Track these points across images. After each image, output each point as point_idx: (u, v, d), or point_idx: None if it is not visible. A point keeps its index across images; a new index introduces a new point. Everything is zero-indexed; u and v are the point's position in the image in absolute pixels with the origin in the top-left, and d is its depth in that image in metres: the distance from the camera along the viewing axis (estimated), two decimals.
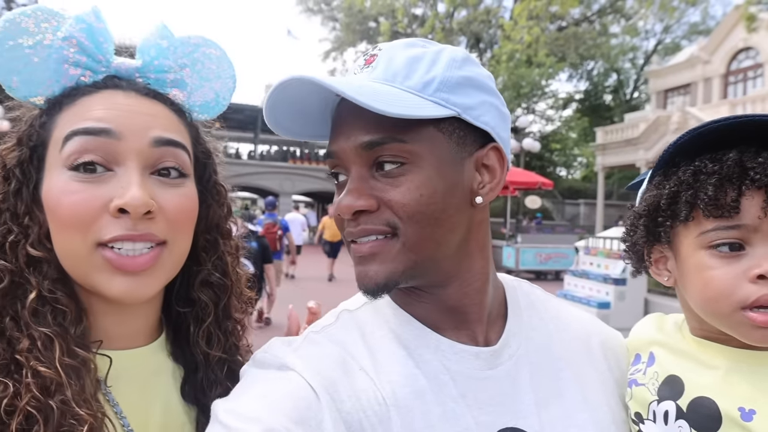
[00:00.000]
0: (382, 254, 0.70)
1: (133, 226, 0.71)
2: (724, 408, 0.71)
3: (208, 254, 0.88)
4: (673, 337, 0.84)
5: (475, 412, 0.70)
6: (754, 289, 0.69)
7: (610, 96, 38.72)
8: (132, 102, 0.76)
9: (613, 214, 25.97)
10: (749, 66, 22.18)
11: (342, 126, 0.73)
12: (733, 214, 0.70)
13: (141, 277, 0.73)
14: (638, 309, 7.95)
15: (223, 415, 0.64)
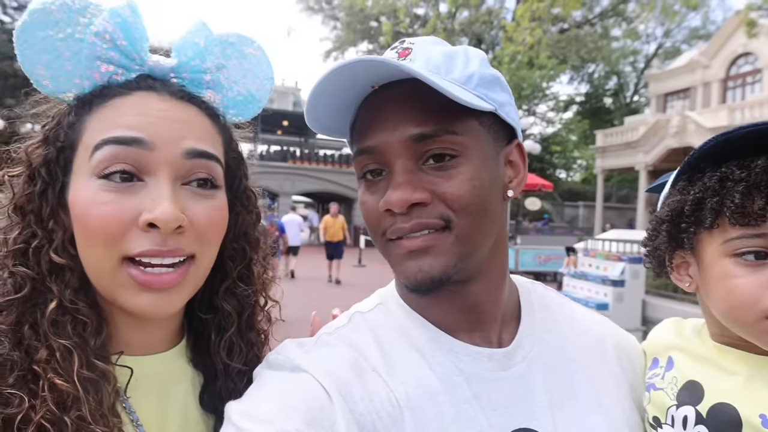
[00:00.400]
0: (436, 248, 0.69)
1: (162, 241, 0.68)
2: (745, 414, 0.71)
3: (234, 263, 0.85)
4: (693, 342, 0.83)
5: (489, 413, 0.70)
6: None
7: (610, 99, 38.72)
8: (166, 107, 0.72)
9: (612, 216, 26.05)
10: (748, 71, 22.24)
11: (385, 119, 0.70)
12: (760, 223, 0.69)
13: (166, 293, 0.71)
14: (636, 310, 8.03)
15: (236, 417, 0.64)
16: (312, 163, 29.46)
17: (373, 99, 0.72)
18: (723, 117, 18.05)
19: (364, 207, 0.74)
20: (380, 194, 0.72)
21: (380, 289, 0.85)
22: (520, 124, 0.81)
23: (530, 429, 0.71)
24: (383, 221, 0.72)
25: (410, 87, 0.68)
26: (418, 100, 0.69)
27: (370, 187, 0.74)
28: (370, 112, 0.73)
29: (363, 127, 0.73)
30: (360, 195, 0.76)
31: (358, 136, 0.74)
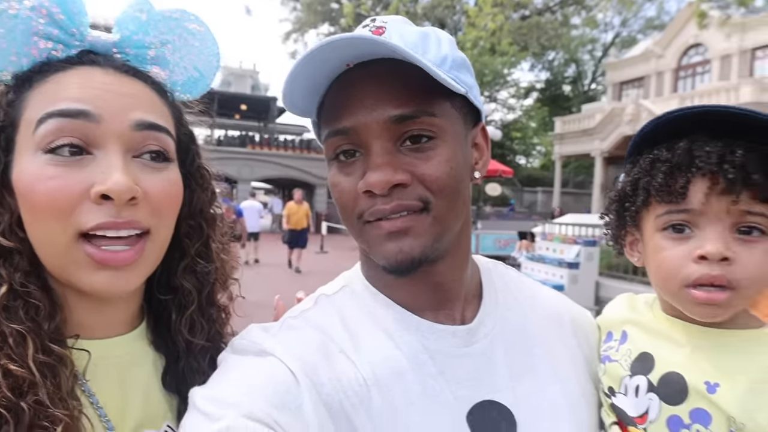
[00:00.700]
0: (415, 228, 0.69)
1: (117, 213, 0.66)
2: (692, 382, 0.75)
3: (191, 241, 0.84)
4: (645, 316, 0.88)
5: (453, 387, 0.72)
6: (696, 268, 0.74)
7: (569, 86, 39.37)
8: (111, 80, 0.71)
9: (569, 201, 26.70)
10: (698, 62, 23.02)
11: (361, 99, 0.69)
12: (681, 200, 0.75)
13: (123, 271, 0.69)
14: (590, 291, 8.31)
15: (201, 402, 0.63)
16: (272, 148, 28.61)
17: (347, 78, 0.70)
18: (674, 105, 18.37)
19: (338, 189, 0.73)
20: (356, 176, 0.71)
21: (345, 272, 0.86)
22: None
23: (493, 401, 0.73)
24: (360, 203, 0.71)
25: (387, 66, 0.68)
26: (397, 80, 0.68)
27: (343, 169, 0.73)
28: (344, 92, 0.71)
29: (337, 107, 0.71)
30: (332, 177, 0.74)
31: (330, 116, 0.72)
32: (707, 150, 0.73)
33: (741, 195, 0.71)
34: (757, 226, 0.72)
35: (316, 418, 0.63)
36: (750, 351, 0.75)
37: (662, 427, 0.77)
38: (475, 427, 0.71)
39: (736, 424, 0.71)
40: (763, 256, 0.73)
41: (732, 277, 0.72)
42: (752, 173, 0.71)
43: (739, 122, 0.72)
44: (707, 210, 0.73)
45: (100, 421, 0.71)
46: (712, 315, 0.76)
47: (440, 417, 0.70)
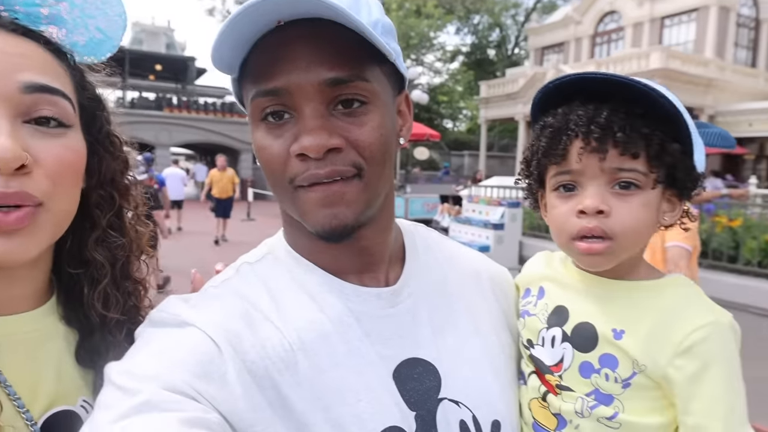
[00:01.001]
0: (349, 195, 0.69)
1: (4, 183, 0.60)
2: (601, 330, 0.81)
3: (102, 212, 0.80)
4: (560, 272, 0.93)
5: (378, 347, 0.73)
6: (577, 221, 0.80)
7: (493, 51, 39.96)
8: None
9: (494, 164, 27.49)
10: (613, 29, 24.05)
11: (294, 59, 0.66)
12: (563, 161, 0.80)
13: (16, 237, 0.63)
14: (514, 250, 8.70)
15: (117, 376, 0.60)
16: (191, 111, 27.00)
17: (278, 36, 0.67)
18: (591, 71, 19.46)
19: (266, 152, 0.70)
20: (287, 138, 0.68)
21: (267, 239, 0.85)
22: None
23: (417, 358, 0.75)
24: (292, 167, 0.69)
25: (320, 28, 0.65)
26: (331, 42, 0.66)
27: (272, 131, 0.69)
28: (275, 51, 0.67)
29: (267, 66, 0.68)
30: (259, 139, 0.71)
31: (259, 74, 0.68)
32: (579, 113, 0.79)
33: (608, 153, 0.77)
34: (632, 181, 0.78)
35: (240, 387, 0.63)
36: (650, 300, 0.81)
37: (575, 373, 0.82)
38: (400, 383, 0.72)
39: (639, 366, 0.77)
40: (636, 207, 0.79)
41: (607, 227, 0.78)
42: (617, 132, 0.76)
43: (611, 86, 0.77)
44: (585, 169, 0.79)
45: (9, 400, 0.68)
46: (597, 264, 0.83)
47: (367, 376, 0.71)
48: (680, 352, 0.75)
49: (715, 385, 0.74)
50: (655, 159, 0.77)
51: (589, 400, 0.81)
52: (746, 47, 21.79)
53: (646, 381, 0.78)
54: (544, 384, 0.86)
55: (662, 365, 0.76)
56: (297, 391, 0.66)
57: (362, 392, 0.69)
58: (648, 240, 0.84)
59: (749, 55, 21.90)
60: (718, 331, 0.76)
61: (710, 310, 0.78)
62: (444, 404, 0.75)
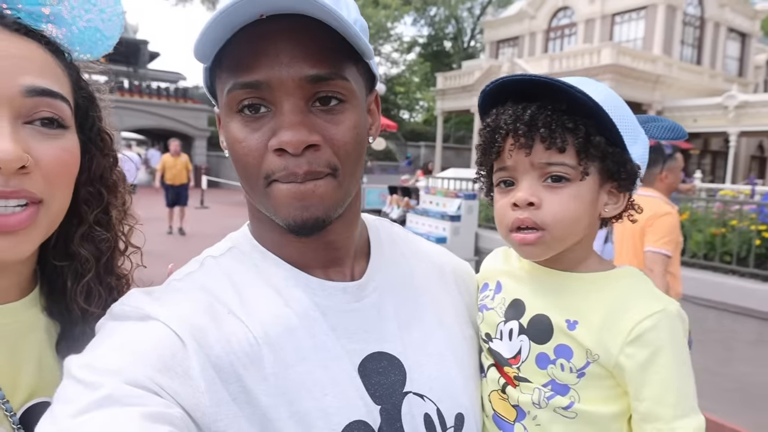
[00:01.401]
0: (321, 192, 0.69)
1: (5, 182, 0.62)
2: (555, 321, 0.83)
3: (90, 207, 0.81)
4: (516, 267, 0.95)
5: (344, 341, 0.73)
6: (512, 214, 0.84)
7: (450, 43, 40.20)
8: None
9: (450, 156, 27.77)
10: (566, 24, 24.58)
11: (276, 54, 0.66)
12: (498, 158, 0.85)
13: (15, 236, 0.65)
14: (470, 242, 8.83)
15: (77, 370, 0.58)
16: (143, 96, 26.27)
17: (259, 29, 0.66)
18: (545, 65, 19.90)
19: (241, 145, 0.69)
20: (264, 132, 0.68)
21: (232, 233, 0.83)
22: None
23: (382, 352, 0.76)
24: (268, 162, 0.68)
25: (302, 23, 0.65)
26: (312, 38, 0.66)
27: (249, 124, 0.69)
28: (255, 43, 0.67)
29: (247, 59, 0.67)
30: (233, 131, 0.70)
31: (238, 67, 0.68)
32: (509, 113, 0.82)
33: (534, 148, 0.80)
34: (561, 174, 0.81)
35: (204, 381, 0.62)
36: (601, 290, 0.84)
37: (532, 364, 0.84)
38: (365, 377, 0.73)
39: (592, 356, 0.80)
40: (566, 199, 0.81)
41: (537, 218, 0.82)
42: (540, 128, 0.79)
43: (540, 87, 0.81)
44: (517, 165, 0.83)
45: None
46: (533, 254, 0.86)
47: (332, 370, 0.71)
48: (630, 340, 0.78)
49: (665, 372, 0.76)
50: (581, 152, 0.80)
51: (546, 391, 0.82)
52: (692, 45, 22.68)
53: (599, 370, 0.80)
54: (503, 376, 0.87)
55: (614, 354, 0.78)
56: (262, 385, 0.66)
57: (328, 386, 0.69)
58: (586, 231, 0.86)
59: (694, 53, 22.81)
60: (666, 319, 0.78)
61: (658, 299, 0.81)
62: (409, 398, 0.75)
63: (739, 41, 24.85)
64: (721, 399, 4.23)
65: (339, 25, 0.64)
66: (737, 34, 24.48)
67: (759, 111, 18.35)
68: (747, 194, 10.14)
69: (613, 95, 0.84)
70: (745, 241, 6.42)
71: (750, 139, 23.07)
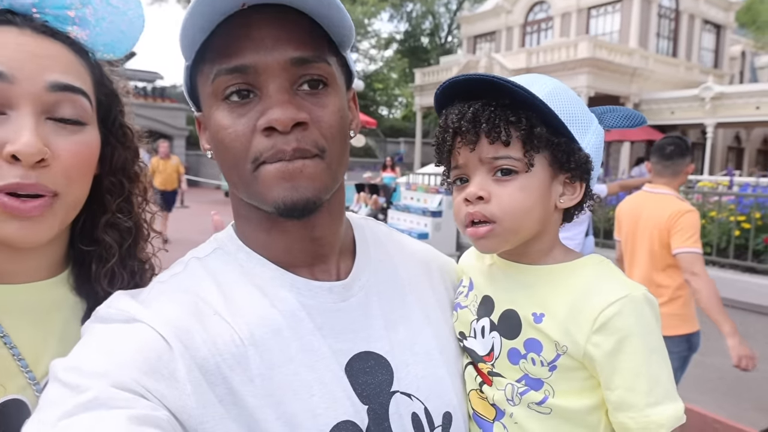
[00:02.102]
0: (310, 170, 0.69)
1: (24, 174, 0.68)
2: (523, 315, 0.83)
3: (112, 196, 0.86)
4: (486, 263, 0.95)
5: (331, 341, 0.73)
6: (465, 209, 0.84)
7: (427, 39, 40.34)
8: (27, 41, 0.71)
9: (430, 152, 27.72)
10: (542, 18, 24.73)
11: (261, 38, 0.67)
12: (449, 156, 0.87)
13: (33, 222, 0.71)
14: (452, 237, 8.80)
15: (63, 373, 0.58)
16: None
17: (241, 17, 0.67)
18: (522, 59, 19.97)
19: (228, 131, 0.69)
20: (251, 117, 0.68)
21: (216, 234, 0.83)
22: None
23: (370, 351, 0.75)
24: (256, 144, 0.68)
25: (282, 13, 0.67)
26: (296, 24, 0.69)
27: (235, 110, 0.69)
28: (239, 30, 0.68)
29: (231, 46, 0.68)
30: (219, 119, 0.70)
31: (222, 54, 0.68)
32: (454, 112, 0.83)
33: (478, 144, 0.81)
34: (508, 167, 0.81)
35: (190, 384, 0.61)
36: (566, 281, 0.83)
37: (505, 360, 0.84)
38: (352, 377, 0.73)
39: (560, 348, 0.79)
40: (514, 191, 0.82)
41: (487, 211, 0.82)
42: (482, 124, 0.80)
43: (484, 85, 0.81)
44: (467, 162, 0.84)
45: (13, 360, 0.74)
46: (488, 247, 0.86)
47: (319, 371, 0.70)
48: (596, 329, 0.77)
49: (634, 358, 0.75)
50: (526, 143, 0.80)
51: (519, 386, 0.82)
52: (667, 37, 22.97)
53: (570, 362, 0.79)
54: (479, 374, 0.87)
55: (581, 344, 0.78)
56: (248, 387, 0.65)
57: (315, 387, 0.69)
58: (541, 222, 0.86)
59: (670, 45, 23.10)
60: (631, 304, 0.77)
61: (622, 284, 0.80)
62: (396, 397, 0.75)
63: (714, 33, 25.22)
64: (704, 389, 4.24)
65: (328, 10, 0.67)
66: (712, 25, 24.85)
67: (735, 102, 18.64)
68: (725, 185, 10.24)
69: (560, 88, 0.85)
70: (724, 232, 6.44)
71: (727, 130, 23.43)
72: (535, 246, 0.87)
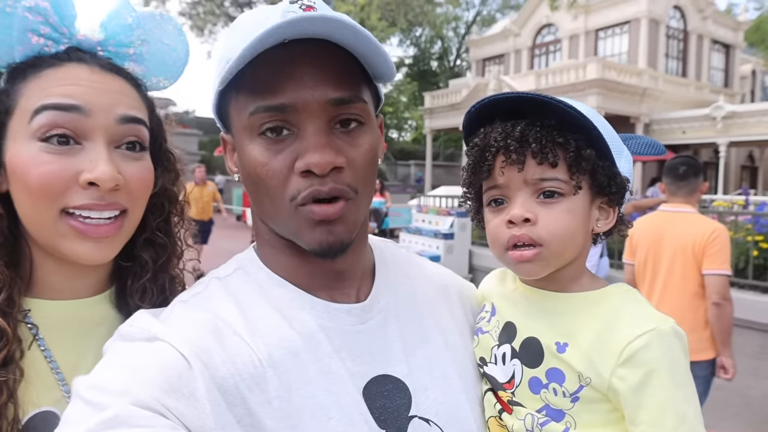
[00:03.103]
0: (346, 215, 0.71)
1: (100, 197, 0.76)
2: (545, 344, 0.81)
3: (153, 216, 0.92)
4: (509, 289, 0.94)
5: (349, 364, 0.72)
6: (507, 232, 0.82)
7: (436, 62, 40.78)
8: (96, 78, 0.78)
9: (440, 174, 27.82)
10: (551, 41, 24.90)
11: (301, 76, 0.68)
12: (490, 177, 0.84)
13: (104, 242, 0.78)
14: (464, 259, 8.72)
15: (85, 391, 0.59)
16: None
17: (281, 52, 0.67)
18: (531, 81, 20.06)
19: (264, 168, 0.70)
20: (287, 155, 0.69)
21: (238, 255, 0.84)
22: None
23: (388, 375, 0.75)
24: (293, 184, 0.69)
25: (321, 47, 0.67)
26: (333, 62, 0.69)
27: (271, 146, 0.70)
28: (279, 67, 0.68)
29: (271, 82, 0.68)
30: (255, 155, 0.70)
31: (263, 90, 0.68)
32: (498, 131, 0.81)
33: (525, 164, 0.79)
34: (554, 189, 0.80)
35: (210, 403, 0.61)
36: (592, 311, 0.81)
37: (525, 389, 0.82)
38: (370, 401, 0.72)
39: (584, 379, 0.77)
40: (561, 213, 0.80)
41: (534, 234, 0.80)
42: (531, 143, 0.78)
43: (527, 104, 0.80)
44: (509, 182, 0.81)
45: (52, 373, 0.79)
46: (531, 272, 0.84)
47: (337, 394, 0.70)
48: (622, 362, 0.74)
49: (660, 393, 0.73)
50: (573, 166, 0.80)
51: (540, 417, 0.80)
52: (676, 57, 22.97)
53: (593, 394, 0.77)
54: (498, 402, 0.85)
55: (606, 377, 0.75)
56: (266, 408, 0.65)
57: (332, 410, 0.68)
58: (582, 246, 0.85)
59: (679, 65, 23.10)
60: (659, 337, 0.75)
61: (650, 316, 0.78)
62: (414, 422, 0.74)
63: (724, 52, 25.19)
64: (727, 415, 4.12)
65: (368, 47, 0.68)
66: (721, 45, 24.85)
67: (747, 121, 18.51)
68: (741, 204, 10.10)
69: (595, 112, 0.84)
70: (742, 252, 6.31)
71: (739, 149, 23.27)
72: (566, 272, 0.85)
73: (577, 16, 22.81)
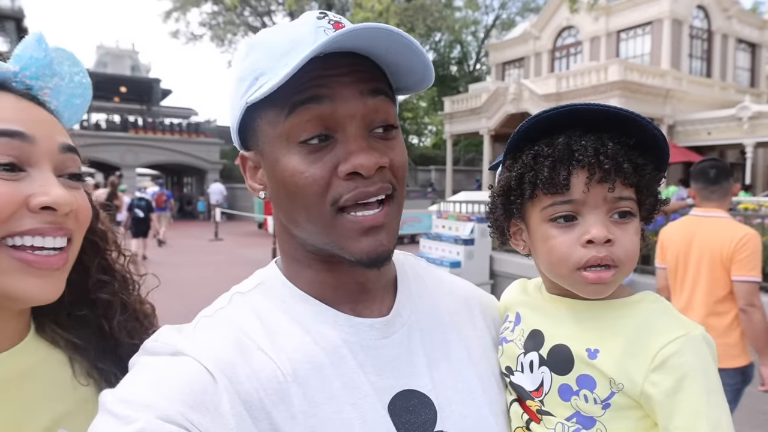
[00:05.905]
0: (389, 221, 0.73)
1: (54, 221, 0.73)
2: (575, 350, 0.81)
3: (91, 257, 0.90)
4: (534, 297, 0.94)
5: (373, 378, 0.73)
6: (584, 252, 0.79)
7: (455, 67, 40.69)
8: (24, 106, 0.76)
9: (461, 179, 27.73)
10: (571, 43, 24.69)
11: (347, 85, 0.70)
12: (565, 191, 0.80)
13: (54, 276, 0.74)
14: (485, 266, 8.67)
15: (112, 405, 0.60)
16: (157, 132, 27.39)
17: (318, 62, 0.68)
18: (552, 84, 19.89)
19: (304, 176, 0.70)
20: (327, 161, 0.70)
21: (260, 270, 0.84)
22: None
23: (412, 389, 0.75)
24: (336, 188, 0.70)
25: (355, 57, 0.70)
26: (368, 71, 0.72)
27: (311, 154, 0.70)
28: (316, 79, 0.69)
29: (309, 93, 0.69)
30: (293, 164, 0.70)
31: (305, 100, 0.69)
32: (583, 144, 0.79)
33: (615, 183, 0.78)
34: (629, 209, 0.81)
35: (234, 418, 0.62)
36: (622, 317, 0.81)
37: (555, 396, 0.82)
38: (395, 416, 0.72)
39: (616, 385, 0.77)
40: (633, 234, 0.81)
41: (615, 256, 0.79)
42: (623, 162, 0.78)
43: (604, 118, 0.80)
44: (588, 199, 0.79)
45: None
46: (601, 292, 0.82)
47: (361, 409, 0.70)
48: (654, 367, 0.75)
49: (694, 398, 0.73)
50: (646, 188, 0.80)
51: (570, 425, 0.80)
52: (700, 58, 22.56)
53: (625, 400, 0.77)
54: (526, 411, 0.85)
55: (638, 383, 0.75)
56: (291, 424, 0.66)
57: (357, 426, 0.69)
58: None
59: (704, 66, 22.68)
60: (690, 343, 0.75)
61: (681, 323, 0.79)
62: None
63: (749, 52, 24.69)
64: (757, 423, 4.03)
65: (415, 56, 0.71)
66: (747, 44, 24.35)
67: None
68: None
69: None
70: None
71: (767, 150, 22.73)
72: None
73: (598, 18, 22.57)
